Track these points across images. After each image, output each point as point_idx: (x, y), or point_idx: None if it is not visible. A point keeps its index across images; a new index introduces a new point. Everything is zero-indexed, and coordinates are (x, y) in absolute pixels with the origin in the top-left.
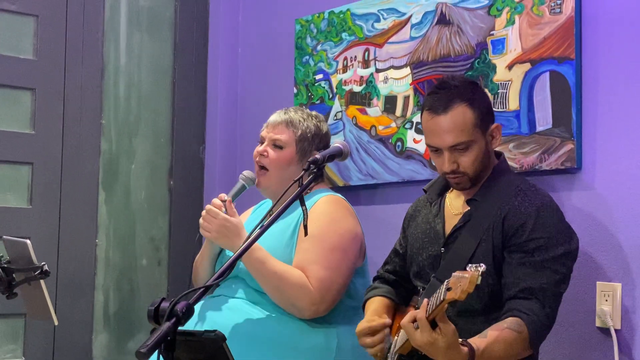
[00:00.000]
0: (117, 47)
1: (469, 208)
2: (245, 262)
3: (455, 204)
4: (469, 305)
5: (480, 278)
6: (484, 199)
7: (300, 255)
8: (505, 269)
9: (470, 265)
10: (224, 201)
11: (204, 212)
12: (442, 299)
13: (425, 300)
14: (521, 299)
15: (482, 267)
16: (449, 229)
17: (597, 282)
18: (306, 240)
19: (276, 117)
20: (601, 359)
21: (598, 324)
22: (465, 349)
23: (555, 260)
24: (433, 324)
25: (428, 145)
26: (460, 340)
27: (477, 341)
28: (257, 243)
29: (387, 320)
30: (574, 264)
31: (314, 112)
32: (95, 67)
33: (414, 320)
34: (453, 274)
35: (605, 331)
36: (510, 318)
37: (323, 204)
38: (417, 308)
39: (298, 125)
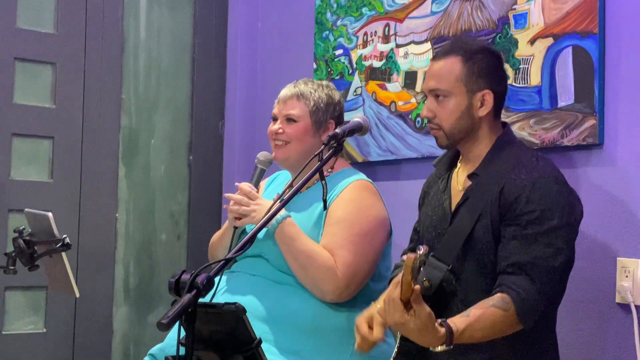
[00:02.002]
0: (137, 22)
1: (471, 183)
2: (276, 236)
3: (460, 179)
4: (475, 283)
5: (418, 261)
6: (485, 173)
7: (327, 239)
8: (500, 243)
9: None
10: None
11: (237, 199)
12: (401, 279)
13: (398, 278)
14: (510, 274)
15: (421, 250)
16: (454, 205)
17: (618, 258)
18: (334, 224)
19: (286, 91)
20: (621, 335)
21: (618, 300)
22: (443, 330)
23: (549, 233)
24: (410, 305)
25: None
26: (439, 320)
27: (458, 321)
28: (290, 219)
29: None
30: (574, 236)
31: (324, 82)
32: (115, 41)
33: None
34: (408, 255)
35: (625, 307)
36: (497, 295)
37: (352, 190)
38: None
39: (309, 97)
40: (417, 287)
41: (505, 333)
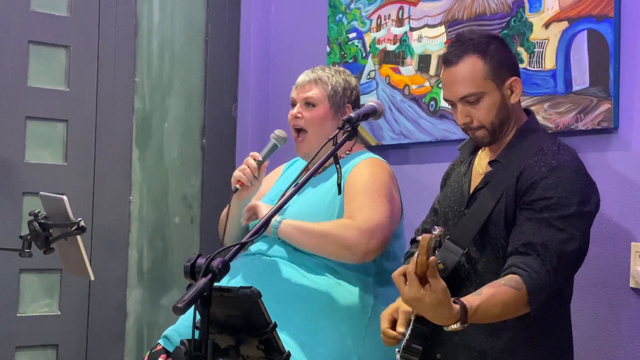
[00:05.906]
0: (151, 5)
1: (491, 169)
2: (284, 236)
3: (482, 164)
4: (491, 268)
5: (433, 241)
6: (506, 160)
7: (347, 208)
8: (514, 227)
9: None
10: (257, 160)
11: (244, 166)
12: (416, 260)
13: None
14: (521, 254)
15: (436, 230)
16: (473, 189)
17: (632, 243)
18: (353, 197)
19: (304, 76)
20: (635, 319)
21: (632, 284)
22: (457, 307)
23: (563, 219)
24: (426, 280)
25: (444, 99)
26: (453, 298)
27: (471, 299)
28: (287, 220)
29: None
30: (588, 226)
31: (340, 68)
32: (128, 24)
33: (405, 274)
34: (423, 235)
35: (639, 292)
36: (508, 275)
37: (365, 163)
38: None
39: (327, 81)
40: (433, 258)
41: (515, 314)
